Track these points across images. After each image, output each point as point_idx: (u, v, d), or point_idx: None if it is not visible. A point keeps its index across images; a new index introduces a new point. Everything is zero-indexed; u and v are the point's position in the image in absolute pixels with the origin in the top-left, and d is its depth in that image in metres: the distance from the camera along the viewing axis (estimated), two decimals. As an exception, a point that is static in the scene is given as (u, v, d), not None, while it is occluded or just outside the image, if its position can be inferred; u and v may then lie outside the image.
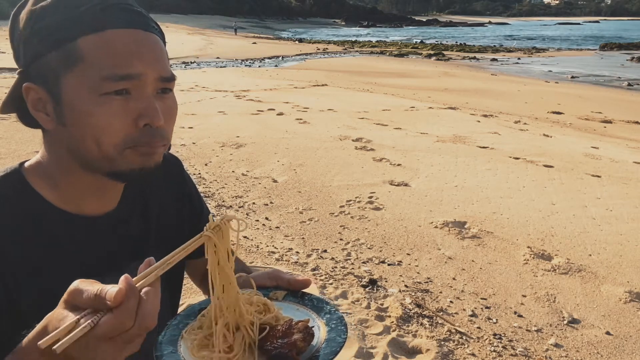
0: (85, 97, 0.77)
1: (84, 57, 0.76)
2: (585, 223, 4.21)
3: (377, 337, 2.53)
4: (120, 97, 0.77)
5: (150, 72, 0.79)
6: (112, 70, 0.76)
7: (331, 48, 32.26)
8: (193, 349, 0.77)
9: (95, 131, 0.78)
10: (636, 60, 25.40)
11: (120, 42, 0.77)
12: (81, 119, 0.78)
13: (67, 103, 0.78)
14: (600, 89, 15.41)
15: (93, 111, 0.77)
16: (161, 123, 0.80)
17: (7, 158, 5.13)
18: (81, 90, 0.77)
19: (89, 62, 0.76)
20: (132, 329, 0.60)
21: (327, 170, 5.38)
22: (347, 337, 0.79)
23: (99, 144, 0.79)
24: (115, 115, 0.78)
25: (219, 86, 11.87)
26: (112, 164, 0.81)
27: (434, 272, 3.29)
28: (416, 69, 19.47)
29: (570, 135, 8.10)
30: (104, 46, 0.76)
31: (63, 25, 0.77)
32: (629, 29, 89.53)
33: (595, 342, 2.63)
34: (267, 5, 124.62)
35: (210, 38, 36.27)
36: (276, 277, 0.94)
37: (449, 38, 52.30)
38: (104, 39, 0.76)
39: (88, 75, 0.76)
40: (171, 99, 0.86)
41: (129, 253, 0.98)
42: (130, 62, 0.77)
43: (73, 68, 0.77)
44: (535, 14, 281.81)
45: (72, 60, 0.76)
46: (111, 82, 0.76)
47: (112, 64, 0.76)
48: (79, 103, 0.77)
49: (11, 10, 0.88)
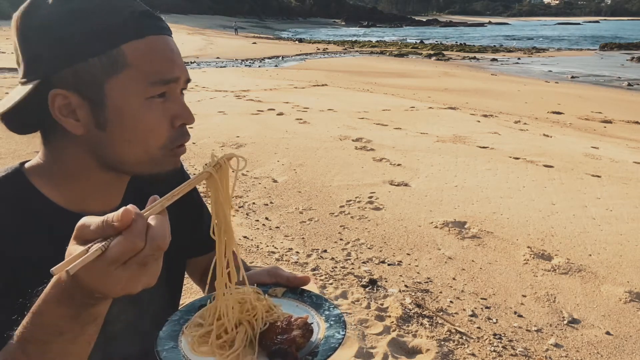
0: (133, 102, 0.79)
1: (130, 63, 0.78)
2: (585, 223, 4.21)
3: (377, 337, 2.53)
4: (161, 100, 0.82)
5: (183, 75, 0.84)
6: (158, 76, 0.80)
7: (331, 48, 32.27)
8: (194, 345, 0.77)
9: (143, 134, 0.81)
10: (636, 60, 25.41)
11: (159, 47, 0.81)
12: (129, 123, 0.80)
13: (113, 108, 0.79)
14: (600, 89, 15.41)
15: (141, 115, 0.80)
16: (194, 120, 0.86)
17: (7, 158, 5.13)
18: (128, 95, 0.79)
19: (134, 67, 0.78)
20: (144, 249, 0.59)
21: (327, 170, 5.38)
22: (345, 334, 0.80)
23: (147, 147, 0.82)
24: (159, 118, 0.82)
25: (219, 86, 11.87)
26: (152, 167, 0.85)
27: (434, 272, 3.29)
28: (416, 69, 19.47)
29: (570, 135, 8.10)
30: (148, 52, 0.79)
31: (105, 31, 0.77)
32: (629, 29, 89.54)
33: (595, 342, 2.63)
34: (267, 5, 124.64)
35: (210, 38, 36.27)
36: (275, 274, 0.96)
37: (449, 38, 52.30)
38: (147, 45, 0.79)
39: (135, 80, 0.79)
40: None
41: None
42: (171, 67, 0.81)
43: (118, 73, 0.78)
44: (535, 14, 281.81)
45: (117, 65, 0.78)
46: (157, 86, 0.80)
47: (157, 69, 0.80)
48: (127, 107, 0.79)
49: (11, 10, 0.87)
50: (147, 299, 1.06)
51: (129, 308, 1.01)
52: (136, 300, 1.01)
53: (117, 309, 0.99)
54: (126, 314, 1.00)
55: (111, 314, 0.98)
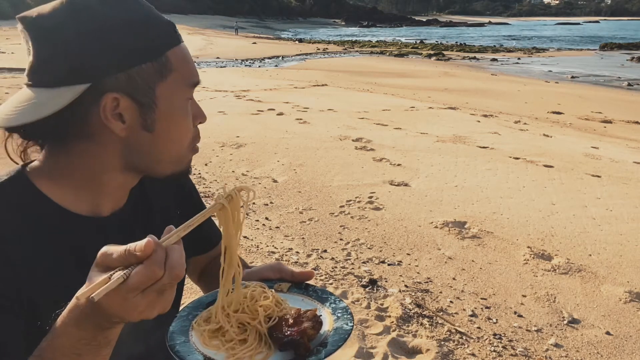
0: (179, 103, 0.87)
1: (175, 68, 0.85)
2: (585, 223, 4.21)
3: (377, 337, 2.53)
4: (191, 102, 0.90)
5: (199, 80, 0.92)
6: (193, 78, 0.88)
7: (331, 48, 32.26)
8: (204, 339, 0.79)
9: (184, 133, 0.89)
10: (636, 60, 25.40)
11: (188, 53, 0.89)
12: (176, 123, 0.88)
13: (162, 109, 0.85)
14: (600, 89, 15.41)
15: (184, 115, 0.88)
16: (206, 119, 0.94)
17: (7, 158, 5.13)
18: (175, 97, 0.86)
19: (178, 71, 0.85)
20: (163, 278, 0.63)
21: (327, 170, 5.37)
22: (354, 325, 0.81)
23: (182, 145, 0.90)
24: (190, 119, 0.90)
25: (219, 86, 11.87)
26: (180, 165, 0.91)
27: (434, 272, 3.29)
28: (416, 69, 19.47)
29: (570, 135, 8.10)
30: (184, 58, 0.87)
31: (159, 38, 0.84)
32: (629, 29, 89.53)
33: (595, 342, 2.63)
34: (267, 5, 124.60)
35: (210, 38, 36.26)
36: (280, 270, 0.98)
37: (448, 38, 52.29)
38: (182, 52, 0.87)
39: (179, 83, 0.86)
40: None
41: None
42: (196, 72, 0.90)
43: (167, 78, 0.85)
44: (535, 14, 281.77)
45: (166, 70, 0.84)
46: (192, 88, 0.88)
47: (192, 73, 0.88)
48: (175, 109, 0.87)
49: (11, 10, 0.87)
50: None
51: None
52: None
53: None
54: None
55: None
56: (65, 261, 0.86)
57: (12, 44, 21.72)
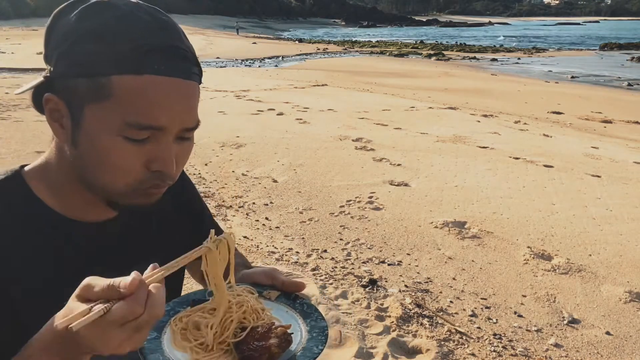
0: (105, 133, 0.76)
1: (114, 95, 0.75)
2: (585, 223, 4.21)
3: (377, 337, 2.53)
4: (139, 142, 0.77)
5: (175, 125, 0.78)
6: (138, 119, 0.75)
7: (331, 48, 32.25)
8: (176, 339, 0.79)
9: (109, 168, 0.79)
10: (636, 60, 25.40)
11: (153, 90, 0.75)
12: (95, 152, 0.78)
13: (85, 131, 0.78)
14: (600, 89, 15.41)
15: (109, 149, 0.77)
16: (173, 171, 0.80)
17: (7, 158, 5.13)
18: (102, 126, 0.76)
19: (117, 101, 0.75)
20: (142, 316, 0.64)
21: (327, 170, 5.37)
22: (323, 349, 0.80)
23: (113, 180, 0.80)
24: (129, 158, 0.77)
25: (219, 86, 11.87)
26: (116, 198, 0.82)
27: (434, 272, 3.29)
28: (416, 69, 19.46)
29: (570, 135, 8.10)
30: (136, 91, 0.75)
31: (101, 57, 0.75)
32: (629, 29, 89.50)
33: (595, 342, 2.63)
34: (267, 5, 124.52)
35: (211, 38, 36.26)
36: (272, 277, 0.96)
37: (448, 38, 52.28)
38: (138, 84, 0.75)
39: (112, 114, 0.75)
40: (189, 143, 0.86)
41: (128, 260, 0.98)
42: (158, 114, 0.76)
43: (100, 102, 0.76)
44: (535, 14, 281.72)
45: (101, 94, 0.75)
46: (134, 129, 0.75)
47: (139, 111, 0.75)
48: (97, 137, 0.77)
49: (11, 10, 0.88)
50: None
51: None
52: None
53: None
54: None
55: None
56: (48, 263, 0.86)
57: (12, 44, 21.71)
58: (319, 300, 2.77)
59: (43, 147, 0.93)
